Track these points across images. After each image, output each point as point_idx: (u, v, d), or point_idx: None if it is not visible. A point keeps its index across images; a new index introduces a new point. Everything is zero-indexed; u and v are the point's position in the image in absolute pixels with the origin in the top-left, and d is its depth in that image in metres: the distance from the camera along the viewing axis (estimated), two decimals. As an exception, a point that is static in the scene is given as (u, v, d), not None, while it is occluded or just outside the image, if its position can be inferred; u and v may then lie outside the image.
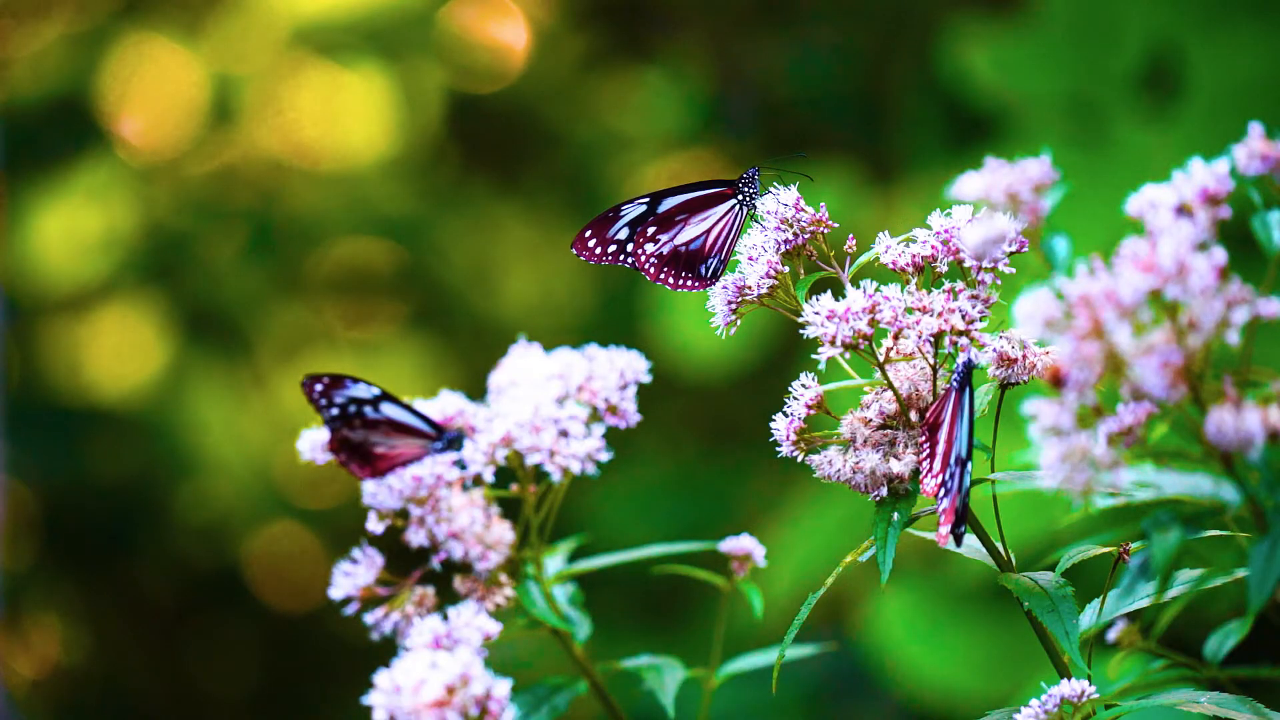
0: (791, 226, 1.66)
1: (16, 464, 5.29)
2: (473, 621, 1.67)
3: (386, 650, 1.73)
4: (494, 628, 1.68)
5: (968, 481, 1.56)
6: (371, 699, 1.50)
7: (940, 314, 1.59)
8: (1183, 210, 1.36)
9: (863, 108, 5.03)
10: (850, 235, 1.67)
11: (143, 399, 5.44)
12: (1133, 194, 1.39)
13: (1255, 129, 1.39)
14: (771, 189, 1.67)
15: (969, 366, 1.58)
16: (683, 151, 5.48)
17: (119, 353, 5.51)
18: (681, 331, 4.38)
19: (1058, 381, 1.34)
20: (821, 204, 1.67)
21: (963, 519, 1.56)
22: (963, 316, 1.59)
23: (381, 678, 1.51)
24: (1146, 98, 3.93)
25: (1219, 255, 1.32)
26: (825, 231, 1.67)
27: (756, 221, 1.68)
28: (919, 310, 1.60)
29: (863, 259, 1.67)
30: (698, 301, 4.38)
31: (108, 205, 5.36)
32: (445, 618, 1.69)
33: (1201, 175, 1.37)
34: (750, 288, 1.67)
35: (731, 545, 1.94)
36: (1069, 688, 1.58)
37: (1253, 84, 3.87)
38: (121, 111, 5.45)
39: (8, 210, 5.36)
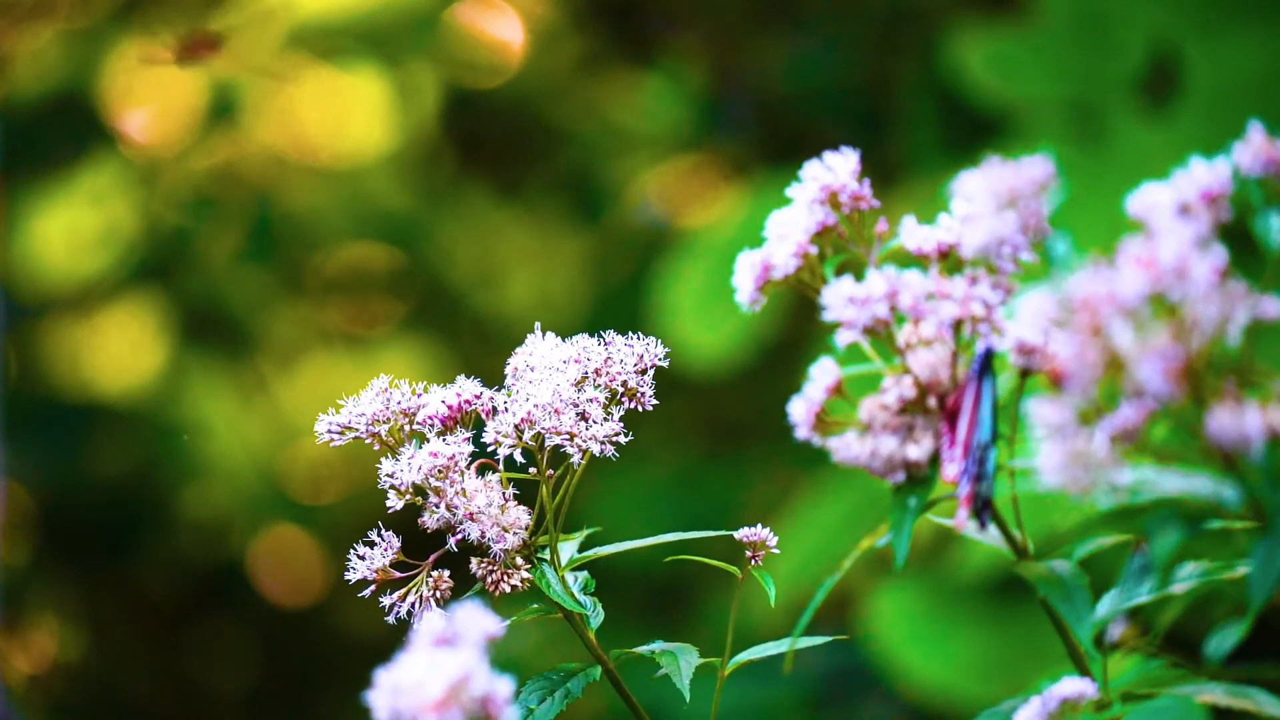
0: (837, 197, 1.65)
1: (16, 462, 5.28)
2: (475, 620, 1.67)
3: (387, 649, 1.73)
4: (496, 627, 1.68)
5: (990, 466, 1.55)
6: (372, 698, 1.50)
7: (961, 300, 1.58)
8: (1183, 210, 1.36)
9: (862, 108, 5.03)
10: (883, 218, 1.66)
11: (143, 397, 5.44)
12: (1133, 194, 1.39)
13: (1255, 128, 1.39)
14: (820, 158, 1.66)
15: (989, 353, 1.57)
16: (683, 153, 5.47)
17: (119, 351, 5.51)
18: (681, 331, 4.37)
19: (1058, 381, 1.34)
20: (865, 180, 1.66)
21: (986, 504, 1.55)
22: (983, 303, 1.59)
23: (382, 676, 1.51)
24: (1147, 98, 3.93)
25: (1219, 255, 1.33)
26: (865, 209, 1.66)
27: (797, 182, 1.67)
28: (939, 296, 1.59)
29: (892, 244, 1.66)
30: (697, 302, 4.38)
31: (107, 203, 5.36)
32: (449, 614, 1.69)
33: (1202, 175, 1.37)
34: (776, 266, 1.66)
35: (746, 533, 1.96)
36: (1070, 686, 1.58)
37: (1252, 84, 3.87)
38: (121, 110, 5.45)
39: (7, 209, 5.36)
